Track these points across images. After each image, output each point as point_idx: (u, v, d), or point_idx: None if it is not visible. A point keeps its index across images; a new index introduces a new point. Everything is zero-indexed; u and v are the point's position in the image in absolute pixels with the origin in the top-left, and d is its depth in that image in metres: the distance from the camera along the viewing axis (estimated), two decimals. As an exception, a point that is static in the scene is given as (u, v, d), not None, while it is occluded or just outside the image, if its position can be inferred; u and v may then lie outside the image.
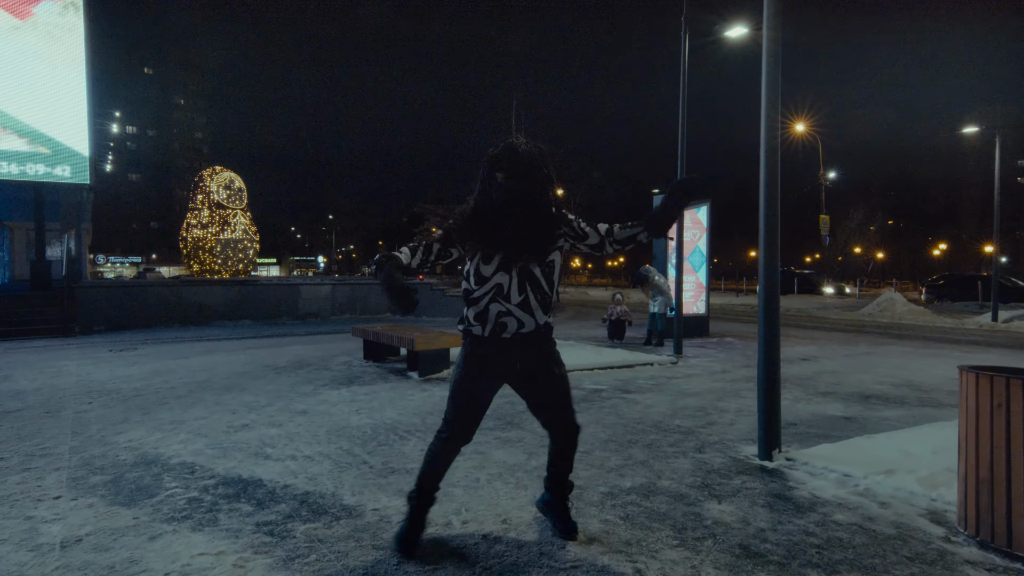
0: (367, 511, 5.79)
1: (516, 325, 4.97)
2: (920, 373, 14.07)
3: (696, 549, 5.01)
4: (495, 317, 4.95)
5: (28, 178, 25.22)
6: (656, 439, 8.36)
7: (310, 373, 13.35)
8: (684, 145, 16.98)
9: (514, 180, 4.79)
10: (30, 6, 24.95)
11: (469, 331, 5.07)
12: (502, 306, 4.93)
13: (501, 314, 4.94)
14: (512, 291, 4.92)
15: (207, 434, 8.54)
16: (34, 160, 25.13)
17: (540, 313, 5.02)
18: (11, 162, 24.77)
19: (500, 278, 4.91)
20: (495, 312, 4.94)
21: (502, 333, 4.97)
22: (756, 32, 20.32)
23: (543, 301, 5.02)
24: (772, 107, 7.57)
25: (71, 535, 5.27)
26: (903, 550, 5.02)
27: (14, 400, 10.81)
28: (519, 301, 4.94)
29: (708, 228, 21.99)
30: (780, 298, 7.87)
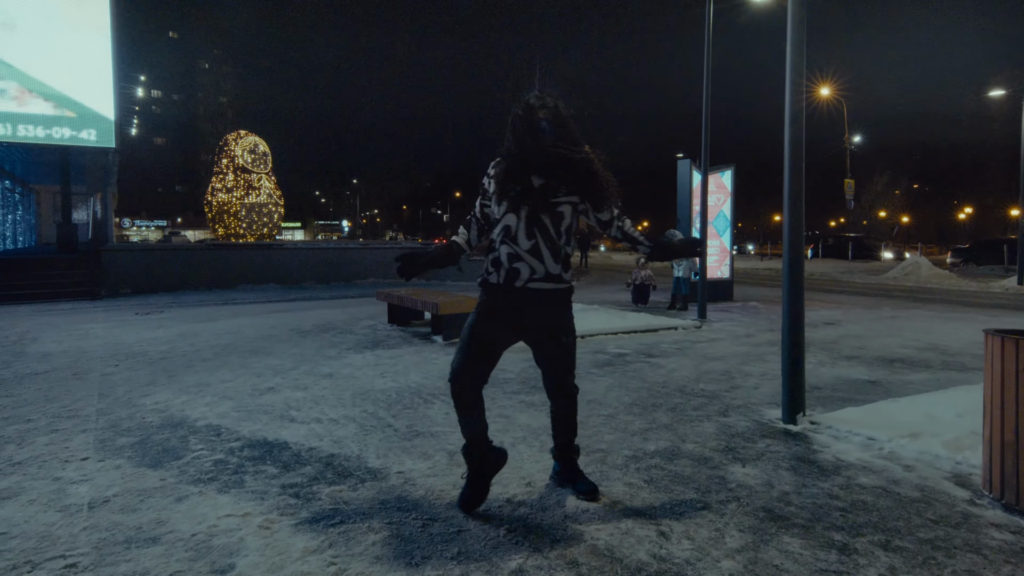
0: (392, 473, 5.82)
1: (528, 272, 5.00)
2: (945, 337, 14.02)
3: (720, 512, 5.02)
4: (507, 261, 5.01)
5: (54, 142, 25.30)
6: (680, 403, 8.36)
7: (335, 337, 13.39)
8: (709, 109, 16.92)
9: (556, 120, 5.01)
10: (55, -31, 25.00)
11: (486, 281, 5.18)
12: (511, 248, 5.00)
13: (512, 257, 5.00)
14: (520, 234, 4.98)
15: (233, 397, 8.59)
16: (60, 124, 25.20)
17: (551, 262, 5.04)
18: (37, 126, 24.86)
19: (509, 219, 5.01)
20: (506, 255, 5.02)
21: (515, 280, 5.02)
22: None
23: (553, 249, 5.04)
24: (797, 71, 7.53)
25: (99, 496, 5.31)
26: (927, 513, 5.02)
27: (41, 362, 10.88)
28: (528, 247, 4.99)
29: (732, 192, 21.89)
30: (805, 262, 7.84)
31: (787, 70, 7.58)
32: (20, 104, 24.63)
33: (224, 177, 57.83)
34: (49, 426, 7.31)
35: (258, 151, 58.27)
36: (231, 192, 57.53)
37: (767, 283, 31.56)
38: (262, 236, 57.27)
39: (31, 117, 24.73)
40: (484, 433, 5.16)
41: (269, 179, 59.00)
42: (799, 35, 7.54)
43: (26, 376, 9.87)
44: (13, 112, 24.60)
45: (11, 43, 24.50)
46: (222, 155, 58.59)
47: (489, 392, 8.51)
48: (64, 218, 27.99)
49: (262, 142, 59.09)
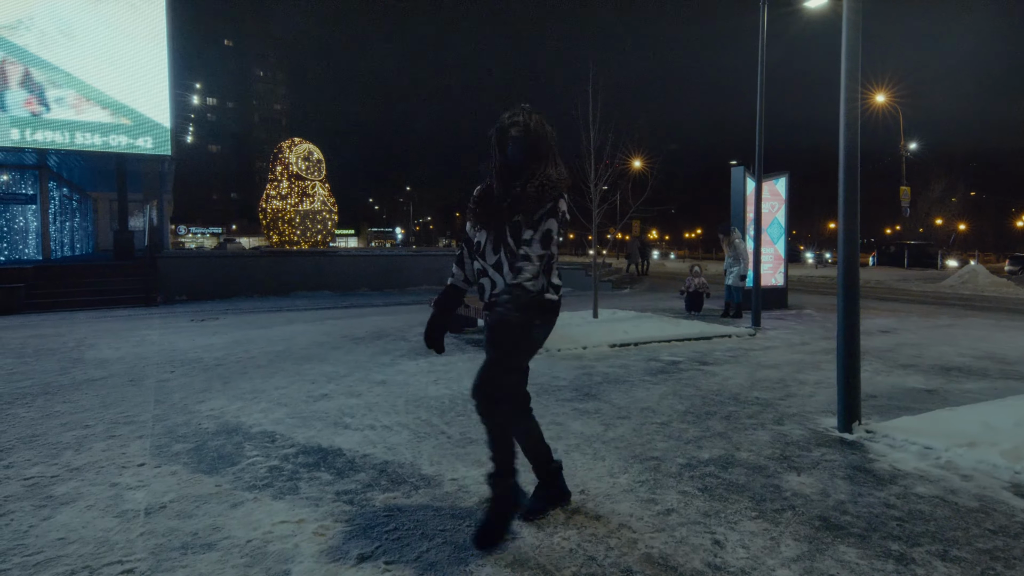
0: (445, 481, 5.83)
1: (490, 286, 4.99)
2: (1003, 345, 13.88)
3: (775, 521, 4.99)
4: (477, 276, 5.08)
5: (111, 149, 25.55)
6: (734, 411, 8.33)
7: (388, 344, 13.43)
8: (763, 115, 16.84)
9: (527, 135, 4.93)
10: (112, -21, 25.27)
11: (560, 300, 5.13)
12: (480, 263, 5.03)
13: (480, 272, 5.05)
14: (487, 249, 4.98)
15: (287, 403, 8.63)
16: (116, 131, 25.44)
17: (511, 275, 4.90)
18: (94, 133, 25.11)
19: (480, 235, 5.03)
20: (477, 269, 5.08)
21: (483, 295, 5.05)
22: (836, 2, 20.09)
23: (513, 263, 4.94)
24: (852, 78, 7.49)
25: (155, 502, 5.36)
26: (986, 523, 4.98)
27: (99, 368, 10.98)
28: (494, 261, 4.97)
29: (787, 200, 21.79)
30: (860, 270, 7.79)
31: (842, 76, 7.54)
32: (78, 112, 24.89)
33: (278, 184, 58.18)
34: (106, 432, 7.38)
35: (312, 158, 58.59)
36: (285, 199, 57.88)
37: (821, 290, 31.37)
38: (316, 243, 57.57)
39: (88, 125, 24.98)
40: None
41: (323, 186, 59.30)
42: (854, 41, 7.50)
43: (84, 382, 9.96)
44: (71, 120, 24.86)
45: (69, 51, 24.76)
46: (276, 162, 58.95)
47: (542, 400, 8.55)
48: (121, 225, 28.22)
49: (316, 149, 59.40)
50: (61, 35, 24.72)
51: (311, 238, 58.44)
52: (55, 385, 9.76)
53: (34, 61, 24.31)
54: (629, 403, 8.63)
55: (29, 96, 24.43)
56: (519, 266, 4.71)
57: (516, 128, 4.94)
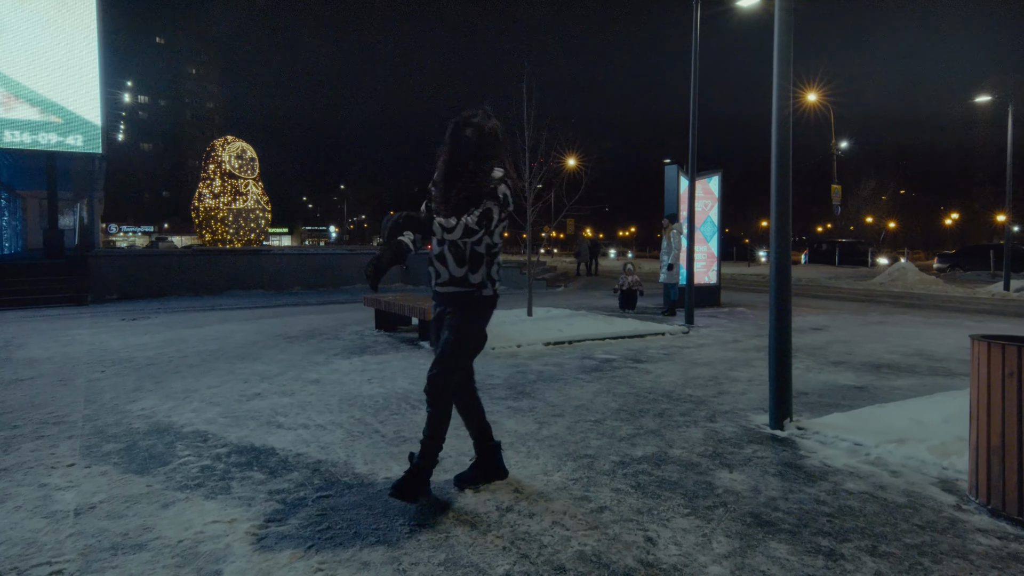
0: (379, 479, 5.82)
1: (434, 275, 5.46)
2: (932, 342, 14.06)
3: (707, 518, 5.03)
4: (428, 263, 5.52)
5: (40, 147, 25.24)
6: (667, 408, 8.38)
7: (322, 343, 13.38)
8: (696, 114, 16.95)
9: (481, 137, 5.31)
10: (41, -25, 24.96)
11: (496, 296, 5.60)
12: (430, 253, 5.48)
13: (430, 260, 5.49)
14: (434, 240, 5.37)
15: (220, 403, 8.58)
16: (46, 129, 25.14)
17: (455, 266, 5.37)
18: (23, 131, 24.80)
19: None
20: (430, 258, 5.50)
21: (432, 283, 5.51)
22: (768, 1, 20.25)
23: (458, 257, 5.35)
24: (784, 76, 7.55)
25: (85, 502, 5.31)
26: (914, 518, 5.04)
27: (28, 368, 10.86)
28: (437, 253, 5.41)
29: (720, 198, 21.94)
30: (792, 268, 7.85)
31: (774, 76, 7.60)
32: (6, 110, 24.57)
33: (211, 183, 57.74)
34: (35, 432, 7.30)
35: (245, 156, 58.20)
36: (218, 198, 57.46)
37: (754, 288, 31.60)
38: (249, 242, 57.19)
39: (17, 123, 24.67)
40: None
41: (256, 185, 58.93)
42: (786, 41, 7.56)
43: (12, 382, 9.84)
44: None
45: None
46: (209, 160, 58.50)
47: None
48: (51, 224, 27.93)
49: (249, 147, 59.03)
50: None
51: (244, 237, 58.08)
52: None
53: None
54: (563, 401, 8.66)
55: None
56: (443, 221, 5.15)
57: (471, 128, 5.29)
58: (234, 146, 59.04)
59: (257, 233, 58.55)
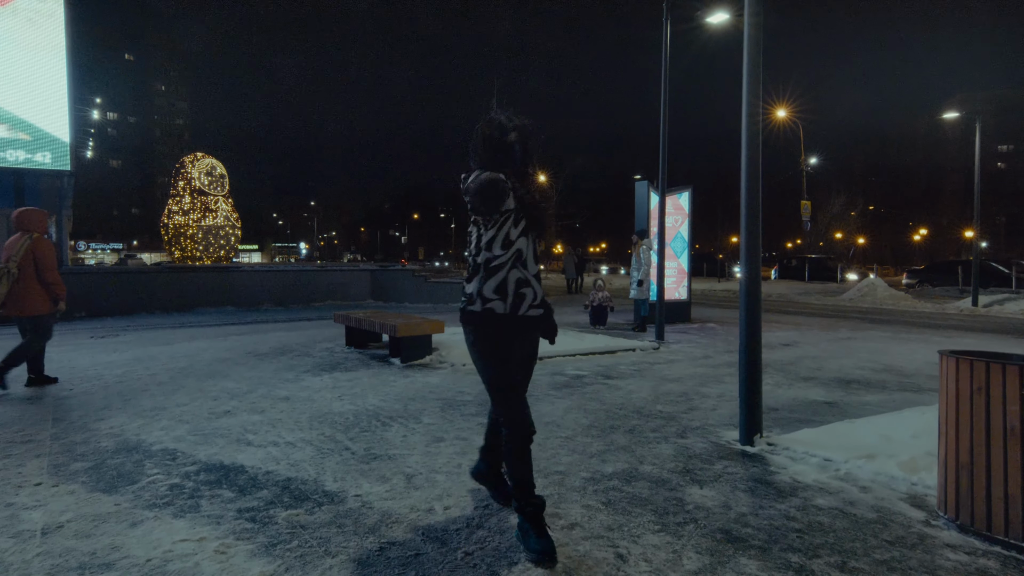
0: (349, 497, 5.79)
1: (532, 297, 4.90)
2: (901, 358, 14.12)
3: (678, 534, 5.03)
4: (515, 287, 4.84)
5: (8, 164, 25.08)
6: (638, 424, 8.38)
7: (292, 359, 13.33)
8: (666, 131, 17.01)
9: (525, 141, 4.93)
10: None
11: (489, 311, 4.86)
12: (521, 273, 4.87)
13: (521, 283, 4.86)
14: (529, 258, 4.91)
15: (189, 420, 8.53)
16: (14, 146, 25.00)
17: (539, 287, 5.01)
18: (-9, 148, 24.68)
19: (522, 243, 4.86)
20: (515, 280, 4.84)
21: (520, 307, 4.87)
22: (738, 18, 20.33)
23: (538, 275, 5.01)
24: (753, 93, 7.59)
25: (52, 521, 5.27)
26: (883, 534, 5.05)
27: (-6, 387, 10.78)
28: (536, 272, 4.96)
29: (690, 214, 22.00)
30: (762, 283, 7.88)
31: (744, 92, 7.63)
32: (-27, 127, 24.46)
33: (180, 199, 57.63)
34: (2, 451, 7.24)
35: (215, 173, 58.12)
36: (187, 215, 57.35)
37: (724, 304, 31.70)
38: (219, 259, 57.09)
39: (-15, 140, 24.56)
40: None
41: (226, 201, 58.84)
42: (755, 57, 7.60)
43: (-21, 401, 9.78)
44: (-34, 134, 24.43)
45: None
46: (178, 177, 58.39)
47: (447, 415, 8.54)
48: (19, 241, 27.79)
49: (219, 164, 58.95)
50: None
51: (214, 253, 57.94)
52: (-51, 404, 9.57)
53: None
54: (534, 417, 8.64)
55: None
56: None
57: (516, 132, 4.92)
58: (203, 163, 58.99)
59: (227, 250, 58.45)
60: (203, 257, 57.34)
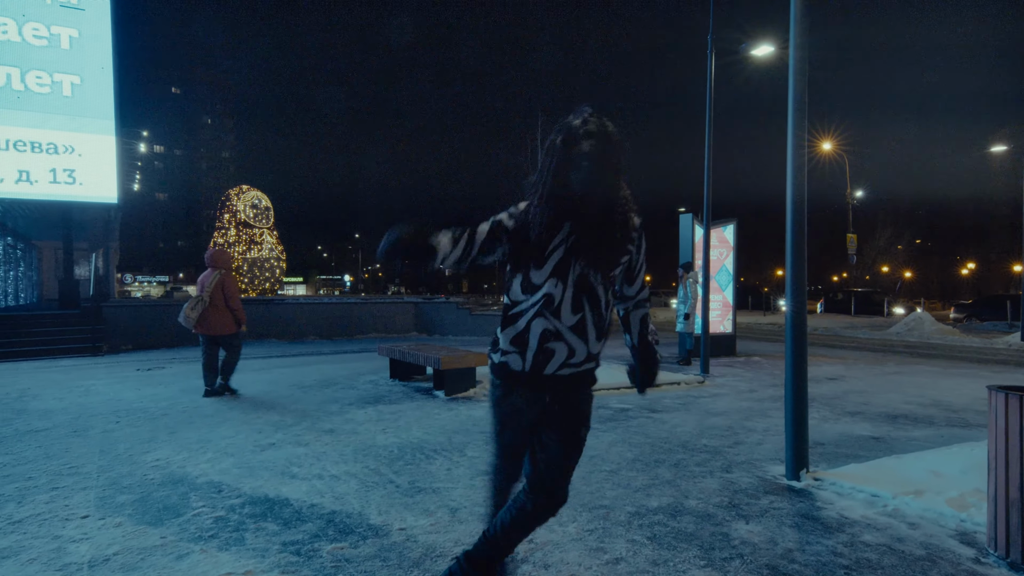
0: (393, 530, 5.79)
1: (565, 353, 4.00)
2: (949, 393, 13.98)
3: (723, 570, 4.98)
4: (539, 339, 3.96)
5: (55, 198, 25.30)
6: (683, 459, 8.34)
7: (336, 392, 13.35)
8: (710, 163, 16.98)
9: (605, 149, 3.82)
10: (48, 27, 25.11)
11: (503, 365, 4.12)
12: (549, 323, 3.95)
13: (548, 335, 3.96)
14: (564, 306, 3.93)
15: (234, 453, 8.55)
16: (61, 180, 25.22)
17: (594, 341, 4.09)
18: (39, 182, 24.89)
19: (551, 287, 3.92)
20: (539, 331, 3.96)
21: (545, 366, 4.01)
22: (782, 51, 20.31)
23: (599, 325, 4.10)
24: (799, 126, 7.56)
25: (99, 555, 5.29)
26: (932, 572, 4.99)
27: (42, 419, 10.85)
28: (573, 323, 3.98)
29: (735, 247, 21.94)
30: (808, 317, 7.82)
31: (789, 125, 7.60)
32: (22, 162, 24.66)
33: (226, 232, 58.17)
34: (49, 484, 7.28)
35: (260, 206, 58.61)
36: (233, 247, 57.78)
37: (769, 338, 31.54)
38: (264, 291, 57.50)
39: (33, 174, 24.76)
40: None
41: (271, 234, 59.31)
42: (801, 91, 7.57)
43: (27, 433, 9.84)
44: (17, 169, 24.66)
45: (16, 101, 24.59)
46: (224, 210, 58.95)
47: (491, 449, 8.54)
48: (66, 274, 28.06)
49: (264, 196, 59.46)
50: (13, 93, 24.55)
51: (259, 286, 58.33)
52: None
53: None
54: (578, 451, 8.61)
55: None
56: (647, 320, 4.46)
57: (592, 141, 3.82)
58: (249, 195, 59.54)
59: (272, 282, 58.89)
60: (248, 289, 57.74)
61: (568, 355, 4.00)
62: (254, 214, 58.21)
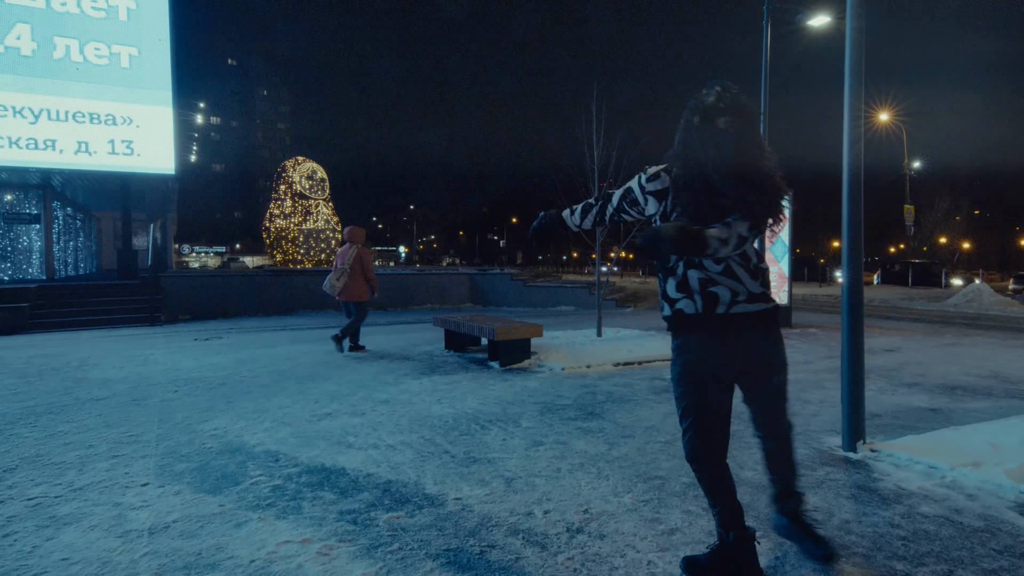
0: (449, 500, 5.82)
1: (728, 295, 4.19)
2: (1008, 364, 13.85)
3: (780, 541, 4.97)
4: (700, 286, 4.18)
5: (114, 169, 25.53)
6: (738, 430, 8.28)
7: (391, 363, 13.41)
8: (766, 133, 16.86)
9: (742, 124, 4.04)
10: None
11: (679, 313, 4.29)
12: (701, 272, 4.17)
13: (704, 282, 4.17)
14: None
15: (290, 423, 8.62)
16: (119, 151, 25.41)
17: (751, 281, 4.25)
18: (99, 154, 25.09)
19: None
20: (696, 279, 4.19)
21: (715, 306, 4.18)
22: (839, 20, 20.11)
23: (749, 269, 4.26)
24: (855, 96, 7.49)
25: (159, 522, 5.35)
26: (991, 543, 4.96)
27: (102, 388, 10.97)
28: (719, 269, 4.17)
29: (791, 218, 21.77)
30: (864, 289, 7.77)
31: (846, 95, 7.53)
32: (82, 134, 24.86)
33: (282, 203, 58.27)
34: (109, 452, 7.37)
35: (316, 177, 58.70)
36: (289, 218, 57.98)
37: (826, 309, 31.36)
38: (320, 262, 57.62)
39: (93, 145, 24.96)
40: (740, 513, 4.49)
41: (327, 205, 59.39)
42: (858, 59, 7.49)
43: (87, 402, 9.95)
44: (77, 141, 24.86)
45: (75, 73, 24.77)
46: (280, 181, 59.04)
47: (545, 419, 8.51)
48: (124, 244, 28.29)
49: (320, 168, 59.53)
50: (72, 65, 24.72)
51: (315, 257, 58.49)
52: (58, 405, 9.75)
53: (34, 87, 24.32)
54: (633, 422, 8.61)
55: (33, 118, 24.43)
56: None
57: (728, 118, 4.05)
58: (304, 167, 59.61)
59: (327, 253, 58.95)
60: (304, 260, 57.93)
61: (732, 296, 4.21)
62: (310, 185, 58.26)
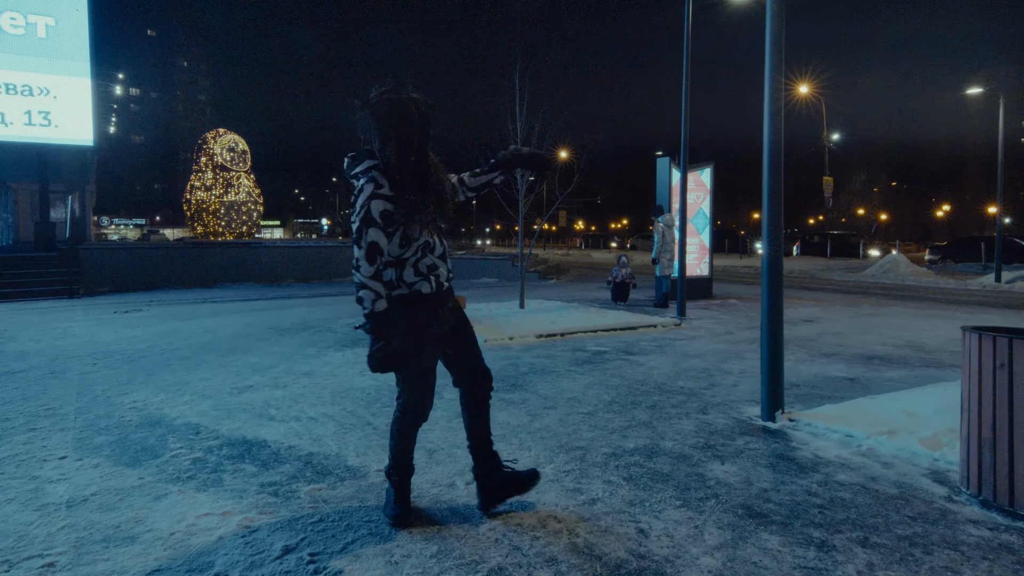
0: (371, 472, 5.82)
1: (446, 273, 4.88)
2: (923, 334, 14.07)
3: (699, 509, 5.03)
4: (427, 270, 4.76)
5: (31, 140, 25.14)
6: (659, 400, 8.38)
7: (314, 335, 13.36)
8: (687, 107, 16.95)
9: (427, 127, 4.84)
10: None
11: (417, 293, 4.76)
12: (430, 260, 4.77)
13: (431, 268, 4.77)
14: (436, 243, 4.81)
15: (211, 395, 8.57)
16: (36, 122, 25.03)
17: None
18: (14, 124, 24.70)
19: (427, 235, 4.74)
20: (426, 265, 4.76)
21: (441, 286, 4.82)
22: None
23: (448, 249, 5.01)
24: (776, 69, 7.55)
25: (77, 495, 5.30)
26: (905, 510, 5.04)
27: (19, 361, 10.84)
28: (440, 252, 4.86)
29: (711, 190, 21.95)
30: (784, 260, 7.85)
31: (766, 68, 7.59)
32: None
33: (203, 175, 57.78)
34: (27, 424, 7.29)
35: (237, 149, 58.22)
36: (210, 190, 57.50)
37: (746, 280, 31.66)
38: (241, 234, 57.23)
39: (8, 115, 24.58)
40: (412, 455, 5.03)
41: (248, 177, 58.95)
42: (778, 33, 7.56)
43: (3, 375, 9.82)
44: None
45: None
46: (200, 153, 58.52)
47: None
48: (42, 216, 27.87)
49: (241, 140, 59.05)
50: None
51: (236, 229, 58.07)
52: (-26, 379, 9.62)
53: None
54: (555, 393, 8.65)
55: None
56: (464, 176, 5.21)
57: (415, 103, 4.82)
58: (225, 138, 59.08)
59: (249, 226, 58.58)
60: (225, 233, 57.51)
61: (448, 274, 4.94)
62: (231, 157, 57.77)
